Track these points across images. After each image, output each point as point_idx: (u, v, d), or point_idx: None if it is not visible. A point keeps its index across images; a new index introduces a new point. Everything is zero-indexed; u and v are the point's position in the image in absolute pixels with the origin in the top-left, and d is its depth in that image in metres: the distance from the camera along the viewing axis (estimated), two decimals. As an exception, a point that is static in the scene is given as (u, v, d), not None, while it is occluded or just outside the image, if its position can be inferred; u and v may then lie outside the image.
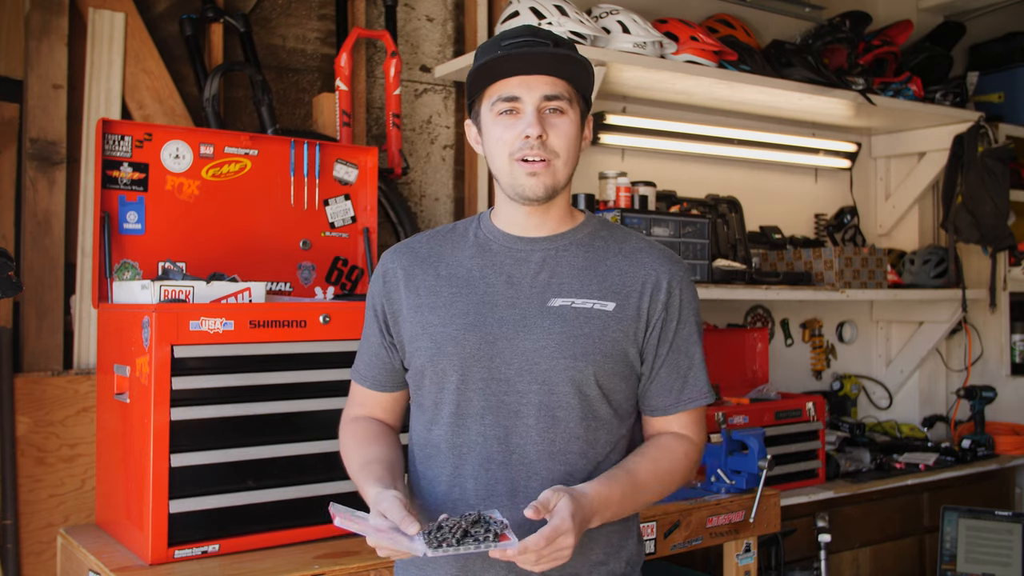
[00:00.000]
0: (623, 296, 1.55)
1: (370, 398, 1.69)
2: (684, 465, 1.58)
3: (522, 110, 1.51)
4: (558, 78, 1.52)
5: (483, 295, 1.56)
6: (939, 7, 4.46)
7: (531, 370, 1.51)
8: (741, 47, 3.44)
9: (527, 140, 1.50)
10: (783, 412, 3.14)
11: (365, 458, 1.56)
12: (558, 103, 1.52)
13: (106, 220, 2.24)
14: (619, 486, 1.48)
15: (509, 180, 1.54)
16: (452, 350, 1.53)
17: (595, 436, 1.54)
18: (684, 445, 1.59)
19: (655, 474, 1.54)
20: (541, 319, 1.52)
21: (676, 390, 1.59)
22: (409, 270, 1.62)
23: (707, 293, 3.18)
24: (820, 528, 2.97)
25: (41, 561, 2.34)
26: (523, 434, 1.51)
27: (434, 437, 1.57)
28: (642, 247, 1.62)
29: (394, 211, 2.91)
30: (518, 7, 2.95)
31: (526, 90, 1.50)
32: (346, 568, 1.89)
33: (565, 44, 1.56)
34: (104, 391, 2.18)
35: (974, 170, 3.97)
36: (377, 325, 1.64)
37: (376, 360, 1.66)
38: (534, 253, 1.58)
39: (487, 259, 1.59)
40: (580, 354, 1.51)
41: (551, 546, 1.33)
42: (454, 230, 1.67)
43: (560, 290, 1.55)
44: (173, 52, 2.71)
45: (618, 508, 1.48)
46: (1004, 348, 4.38)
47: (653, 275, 1.57)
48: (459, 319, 1.54)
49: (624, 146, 3.63)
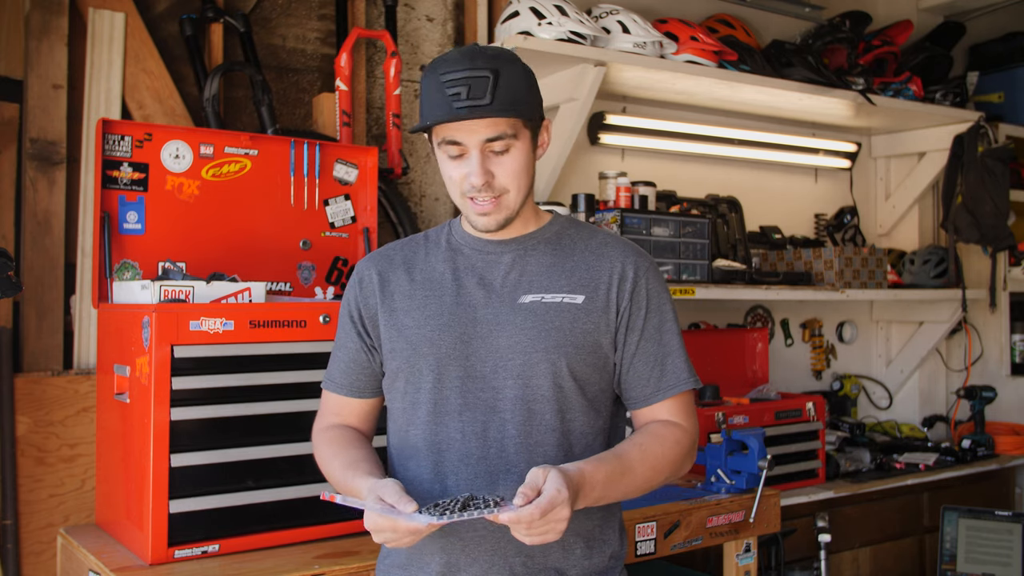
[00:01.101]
0: (591, 288, 1.58)
1: (345, 406, 1.70)
2: (675, 451, 1.58)
3: (467, 152, 1.53)
4: (499, 117, 1.51)
5: (456, 296, 1.59)
6: (939, 7, 4.46)
7: (505, 366, 1.54)
8: (741, 47, 3.44)
9: (473, 187, 1.53)
10: (783, 412, 3.14)
11: (350, 459, 1.57)
12: (501, 143, 1.52)
13: (106, 220, 2.24)
14: (605, 468, 1.48)
15: (464, 212, 1.59)
16: (428, 351, 1.56)
17: (570, 427, 1.56)
18: (674, 431, 1.59)
19: (643, 459, 1.53)
20: (513, 316, 1.56)
21: (655, 378, 1.60)
22: (384, 275, 1.66)
23: (707, 293, 3.18)
24: (820, 528, 2.97)
25: (41, 561, 2.34)
26: (500, 428, 1.53)
27: (412, 438, 1.59)
28: (608, 241, 1.65)
29: (394, 211, 2.91)
30: (518, 7, 2.94)
31: (468, 134, 1.51)
32: (346, 568, 1.89)
33: (507, 74, 1.49)
34: (104, 391, 2.18)
35: (974, 170, 3.98)
36: (355, 330, 1.67)
37: (354, 366, 1.67)
38: (504, 255, 1.62)
39: (459, 262, 1.63)
40: (552, 347, 1.53)
41: (545, 518, 1.33)
42: (427, 238, 1.71)
43: (530, 287, 1.58)
44: (173, 52, 2.71)
45: (603, 491, 1.47)
46: (1004, 348, 4.39)
47: (619, 266, 1.60)
48: (433, 320, 1.58)
49: (624, 146, 3.63)
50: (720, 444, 2.56)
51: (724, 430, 2.64)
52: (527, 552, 1.53)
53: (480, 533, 1.52)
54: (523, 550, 1.52)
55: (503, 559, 1.52)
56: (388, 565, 1.63)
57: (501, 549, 1.52)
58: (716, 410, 2.90)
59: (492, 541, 1.52)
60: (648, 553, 2.28)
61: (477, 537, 1.52)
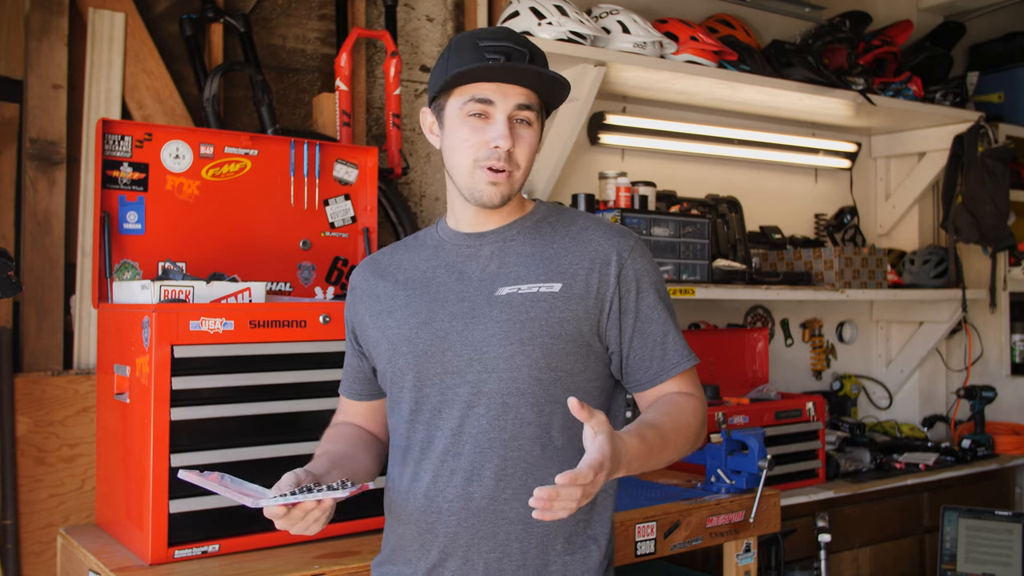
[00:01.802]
0: (569, 276, 1.55)
1: (350, 407, 1.76)
2: (696, 419, 1.56)
3: (493, 116, 1.51)
4: (532, 90, 1.53)
5: (435, 294, 1.59)
6: (939, 7, 4.46)
7: (480, 359, 1.52)
8: (741, 47, 3.44)
9: (496, 150, 1.51)
10: (783, 412, 3.14)
11: (319, 452, 1.62)
12: (527, 114, 1.53)
13: (106, 220, 2.24)
14: (647, 441, 1.42)
15: (468, 183, 1.55)
16: (407, 349, 1.57)
17: (549, 421, 1.52)
18: (691, 400, 1.57)
19: (675, 429, 1.50)
20: (488, 309, 1.54)
21: (658, 358, 1.58)
22: (371, 281, 1.68)
23: (707, 293, 3.18)
24: (820, 528, 2.97)
25: (41, 561, 2.34)
26: (474, 423, 1.52)
27: (397, 437, 1.62)
28: (589, 226, 1.62)
29: (394, 211, 2.91)
30: (518, 7, 2.95)
31: (501, 97, 1.51)
32: (346, 568, 1.89)
33: (540, 58, 1.58)
34: (104, 391, 2.18)
35: (974, 170, 3.98)
36: (350, 337, 1.72)
37: (351, 371, 1.74)
38: (483, 247, 1.61)
39: (440, 259, 1.63)
40: (527, 338, 1.51)
41: (589, 479, 1.26)
42: (416, 239, 1.72)
43: (507, 278, 1.56)
44: (173, 52, 2.71)
45: (643, 462, 1.42)
46: (1004, 348, 4.38)
47: (602, 251, 1.57)
48: (412, 319, 1.58)
49: (624, 146, 3.63)
50: (720, 444, 2.56)
51: (724, 430, 2.64)
52: (504, 550, 1.52)
53: (455, 530, 1.52)
54: (500, 547, 1.51)
55: (479, 555, 1.52)
56: (379, 561, 1.67)
57: (476, 546, 1.52)
58: (716, 410, 2.90)
59: (467, 537, 1.51)
60: (648, 553, 2.28)
61: (452, 533, 1.52)
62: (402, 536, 1.59)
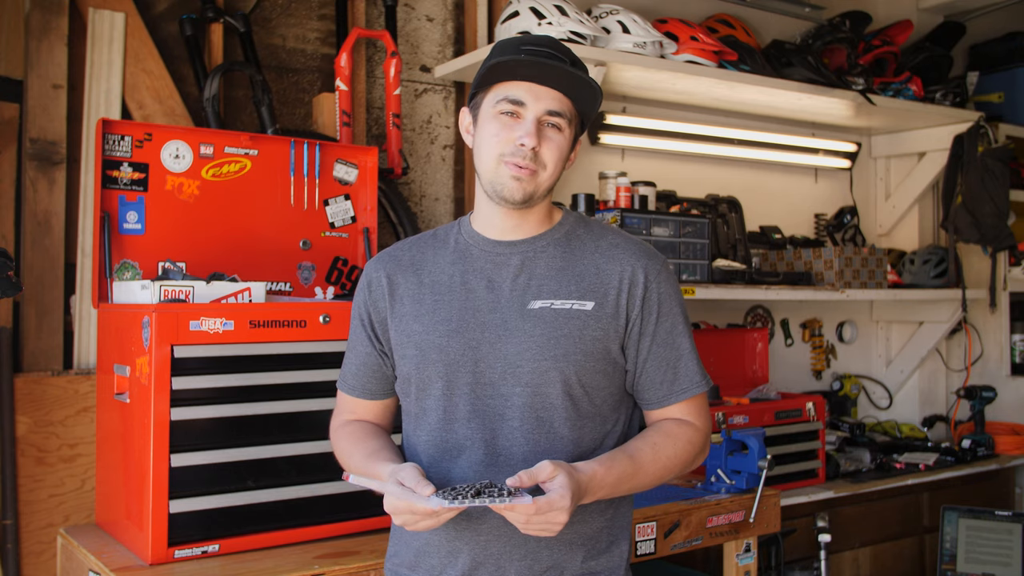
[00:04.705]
0: (601, 295, 1.57)
1: (359, 406, 1.71)
2: (687, 450, 1.59)
3: (523, 116, 1.53)
4: (565, 96, 1.54)
5: (465, 301, 1.58)
6: (939, 7, 4.46)
7: (514, 373, 1.52)
8: (741, 47, 3.44)
9: (521, 148, 1.52)
10: (783, 412, 3.14)
11: (369, 449, 1.58)
12: (558, 119, 1.54)
13: (106, 220, 2.24)
14: (618, 469, 1.50)
15: (492, 177, 1.56)
16: (436, 357, 1.55)
17: (580, 435, 1.55)
18: (687, 431, 1.60)
19: (655, 459, 1.55)
20: (522, 322, 1.54)
21: (668, 382, 1.60)
22: (393, 278, 1.64)
23: (707, 293, 3.18)
24: (820, 528, 2.97)
25: (41, 561, 2.34)
26: (508, 436, 1.52)
27: (421, 443, 1.60)
28: (618, 243, 1.63)
29: (394, 211, 2.91)
30: (518, 7, 2.94)
31: (533, 99, 1.52)
32: (346, 568, 1.89)
33: (580, 65, 1.58)
34: (104, 391, 2.18)
35: (974, 170, 3.98)
36: (365, 334, 1.66)
37: (364, 369, 1.68)
38: (512, 256, 1.60)
39: (467, 264, 1.61)
40: (561, 355, 1.52)
41: (541, 516, 1.37)
42: (435, 236, 1.69)
43: (539, 292, 1.56)
44: (173, 52, 2.71)
45: (611, 490, 1.50)
46: (1004, 348, 4.38)
47: (629, 270, 1.58)
48: (442, 326, 1.56)
49: (624, 146, 3.63)
50: (720, 444, 2.56)
51: (724, 430, 2.64)
52: (534, 556, 1.53)
53: (486, 538, 1.52)
54: (526, 553, 1.52)
55: (510, 563, 1.53)
56: (396, 564, 1.64)
57: (508, 553, 1.52)
58: (716, 410, 2.90)
59: (499, 545, 1.52)
60: (648, 553, 2.28)
61: (484, 541, 1.52)
62: (428, 542, 1.57)
